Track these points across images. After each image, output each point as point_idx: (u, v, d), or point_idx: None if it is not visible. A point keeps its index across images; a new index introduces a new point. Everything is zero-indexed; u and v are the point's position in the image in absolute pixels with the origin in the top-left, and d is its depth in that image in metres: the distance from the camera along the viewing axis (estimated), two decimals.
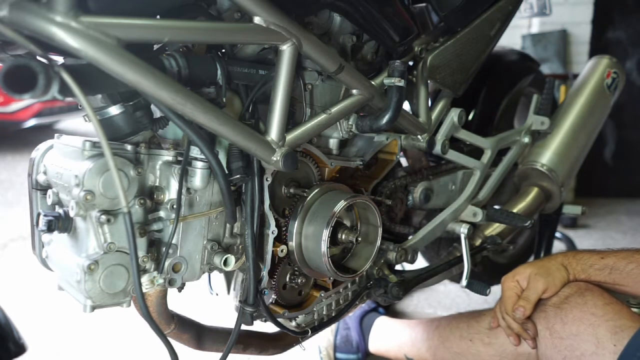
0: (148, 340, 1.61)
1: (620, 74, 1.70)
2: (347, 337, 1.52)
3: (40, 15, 0.59)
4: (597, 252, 1.08)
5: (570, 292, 1.02)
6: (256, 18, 0.79)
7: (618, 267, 1.02)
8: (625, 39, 3.39)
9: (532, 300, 1.03)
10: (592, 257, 1.06)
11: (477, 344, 1.19)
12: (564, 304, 1.01)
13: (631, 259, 1.01)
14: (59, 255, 0.83)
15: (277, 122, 0.86)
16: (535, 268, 1.07)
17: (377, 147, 1.16)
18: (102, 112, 0.78)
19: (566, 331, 0.97)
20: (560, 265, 1.07)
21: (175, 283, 0.87)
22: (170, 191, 0.84)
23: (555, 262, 1.08)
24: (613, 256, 1.04)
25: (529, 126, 1.55)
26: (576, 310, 0.98)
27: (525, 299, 1.04)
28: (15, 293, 1.99)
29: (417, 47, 1.20)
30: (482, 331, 1.20)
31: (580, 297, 1.00)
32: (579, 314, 0.97)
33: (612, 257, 1.04)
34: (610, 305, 0.96)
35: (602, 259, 1.05)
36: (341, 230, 1.04)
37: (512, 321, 1.06)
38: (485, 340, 1.18)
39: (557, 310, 1.01)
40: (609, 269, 1.03)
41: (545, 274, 1.05)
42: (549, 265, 1.07)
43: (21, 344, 0.82)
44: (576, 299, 0.99)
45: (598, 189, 3.49)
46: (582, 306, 0.98)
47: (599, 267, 1.04)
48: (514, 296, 1.07)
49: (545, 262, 1.09)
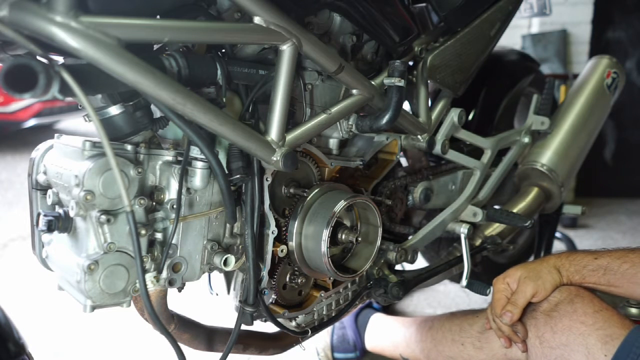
0: (148, 340, 1.61)
1: (620, 74, 1.70)
2: (344, 336, 1.52)
3: (40, 15, 0.59)
4: (591, 252, 1.06)
5: (560, 298, 1.01)
6: (256, 18, 0.79)
7: (612, 268, 1.00)
8: (625, 39, 3.39)
9: (519, 305, 1.02)
10: (586, 258, 1.04)
11: (469, 348, 1.19)
12: (554, 312, 0.99)
13: (625, 259, 1.00)
14: (59, 255, 0.83)
15: (277, 122, 0.86)
16: (526, 271, 1.05)
17: (377, 147, 1.16)
18: (102, 112, 0.78)
19: (556, 340, 0.96)
20: (553, 267, 1.05)
21: (175, 283, 0.87)
22: (170, 191, 0.84)
23: (548, 264, 1.06)
24: (607, 256, 1.02)
25: (529, 126, 1.55)
26: (566, 319, 0.97)
27: (513, 304, 1.03)
28: (15, 293, 1.99)
29: (417, 47, 1.20)
30: (473, 335, 1.19)
31: (569, 304, 0.98)
32: (568, 323, 0.96)
33: (606, 257, 1.02)
34: (600, 312, 0.95)
35: (596, 260, 1.03)
36: (341, 230, 1.04)
37: (502, 324, 1.05)
38: (477, 345, 1.18)
39: (547, 318, 1.00)
40: (603, 269, 1.01)
41: (535, 277, 1.03)
42: (540, 268, 1.05)
43: (21, 344, 0.82)
44: (566, 307, 0.98)
45: (598, 189, 3.49)
46: (572, 314, 0.96)
47: (592, 267, 1.02)
48: (504, 299, 1.06)
49: (537, 264, 1.07)
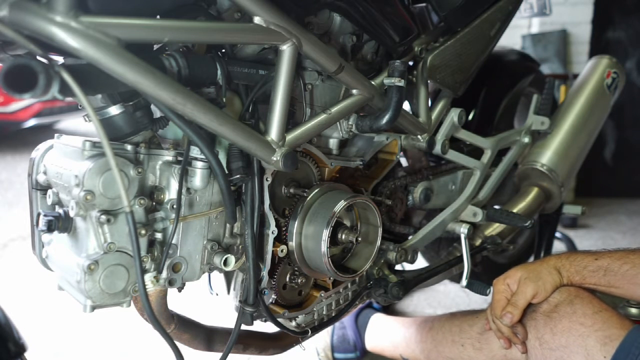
0: (148, 340, 1.61)
1: (620, 74, 1.70)
2: (344, 336, 1.52)
3: (40, 15, 0.59)
4: (591, 253, 1.06)
5: (560, 299, 1.01)
6: (256, 18, 0.79)
7: (612, 269, 1.00)
8: (625, 39, 3.39)
9: (520, 306, 1.02)
10: (586, 259, 1.04)
11: (469, 349, 1.19)
12: (554, 313, 0.99)
13: (626, 260, 1.00)
14: (59, 255, 0.83)
15: (277, 122, 0.86)
16: (526, 272, 1.05)
17: (377, 147, 1.15)
18: (102, 112, 0.78)
19: (556, 342, 0.96)
20: (553, 268, 1.05)
21: (175, 283, 0.87)
22: (170, 191, 0.84)
23: (548, 265, 1.06)
24: (607, 257, 1.02)
25: (529, 126, 1.55)
26: (565, 320, 0.97)
27: (513, 305, 1.03)
28: (15, 293, 1.99)
29: (417, 47, 1.20)
30: (473, 336, 1.19)
31: (569, 305, 0.98)
32: (567, 324, 0.96)
33: (606, 258, 1.02)
34: (599, 313, 0.95)
35: (596, 260, 1.03)
36: (341, 230, 1.04)
37: (501, 325, 1.05)
38: (477, 346, 1.18)
39: (546, 320, 1.00)
40: (604, 270, 1.01)
41: (535, 278, 1.03)
42: (540, 268, 1.05)
43: (21, 344, 0.81)
44: (565, 308, 0.98)
45: (598, 189, 3.49)
46: (571, 316, 0.96)
47: (592, 268, 1.02)
48: (504, 300, 1.06)
49: (537, 265, 1.07)
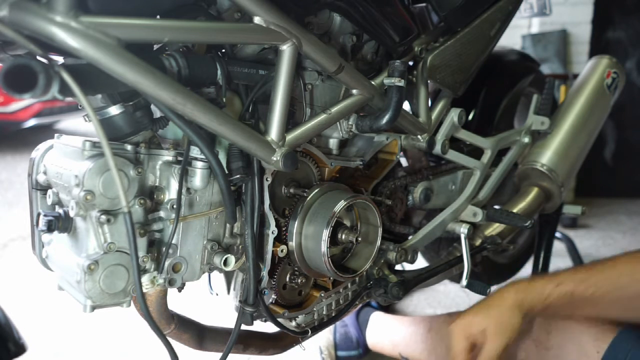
0: (148, 340, 1.61)
1: (620, 74, 1.70)
2: (346, 334, 1.52)
3: (40, 15, 0.59)
4: (553, 278, 0.94)
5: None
6: (256, 18, 0.79)
7: (577, 293, 0.91)
8: (625, 39, 3.39)
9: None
10: (547, 286, 0.93)
11: None
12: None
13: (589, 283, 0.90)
14: (59, 255, 0.83)
15: (277, 122, 0.86)
16: (493, 324, 0.93)
17: (377, 147, 1.15)
18: (102, 112, 0.78)
19: (551, 341, 0.96)
20: (514, 307, 0.93)
21: (175, 283, 0.87)
22: (170, 191, 0.84)
23: (507, 306, 0.94)
24: (570, 281, 0.92)
25: (529, 126, 1.55)
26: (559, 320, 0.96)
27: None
28: (15, 293, 1.99)
29: (417, 47, 1.20)
30: None
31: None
32: (561, 323, 0.95)
33: (569, 283, 0.92)
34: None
35: (558, 287, 0.92)
36: (341, 230, 1.04)
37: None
38: None
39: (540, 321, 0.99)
40: (569, 296, 0.91)
41: (503, 330, 0.92)
42: (503, 315, 0.93)
43: (21, 344, 0.82)
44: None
45: (598, 189, 3.49)
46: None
47: (556, 296, 0.92)
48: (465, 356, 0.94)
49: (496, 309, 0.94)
